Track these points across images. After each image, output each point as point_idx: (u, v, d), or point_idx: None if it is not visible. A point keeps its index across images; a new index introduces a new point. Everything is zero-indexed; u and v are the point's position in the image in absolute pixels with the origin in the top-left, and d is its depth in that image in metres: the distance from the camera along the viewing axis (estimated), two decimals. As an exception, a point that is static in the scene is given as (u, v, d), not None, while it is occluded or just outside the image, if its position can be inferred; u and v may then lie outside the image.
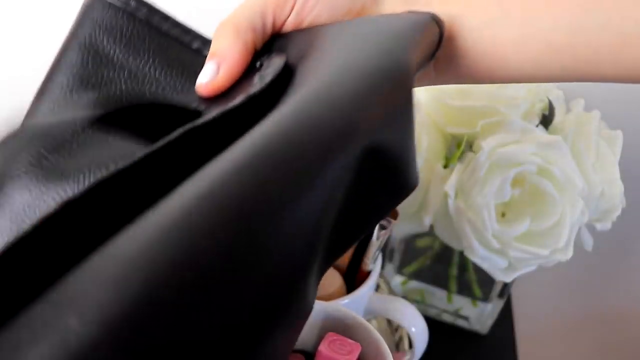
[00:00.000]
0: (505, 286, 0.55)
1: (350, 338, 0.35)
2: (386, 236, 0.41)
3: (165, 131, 0.23)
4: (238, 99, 0.26)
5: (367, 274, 0.43)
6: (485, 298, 0.57)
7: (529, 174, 0.43)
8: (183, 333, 0.16)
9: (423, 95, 0.49)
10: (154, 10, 0.33)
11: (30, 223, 0.18)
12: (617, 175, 0.46)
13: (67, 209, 0.19)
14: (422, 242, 0.56)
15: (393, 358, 0.35)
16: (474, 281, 0.56)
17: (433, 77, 0.33)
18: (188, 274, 0.16)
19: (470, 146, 0.46)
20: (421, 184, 0.46)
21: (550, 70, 0.30)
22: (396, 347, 0.55)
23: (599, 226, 0.48)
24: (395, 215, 0.41)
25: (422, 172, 0.46)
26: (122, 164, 0.20)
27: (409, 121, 0.25)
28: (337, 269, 0.43)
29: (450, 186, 0.45)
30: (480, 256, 0.45)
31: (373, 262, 0.42)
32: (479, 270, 0.49)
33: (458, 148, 0.46)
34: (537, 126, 0.45)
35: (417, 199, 0.47)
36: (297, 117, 0.21)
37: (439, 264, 0.57)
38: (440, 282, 0.57)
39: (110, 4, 0.33)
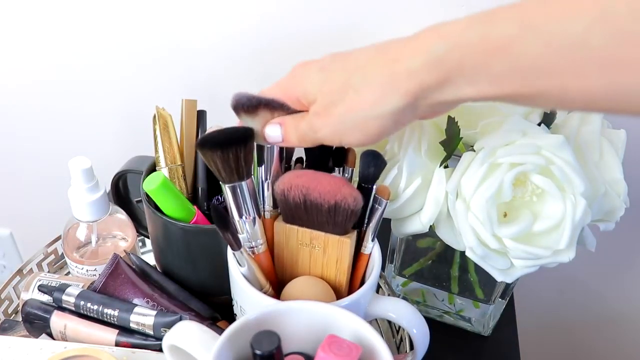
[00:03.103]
0: (508, 287, 0.55)
1: (351, 340, 0.34)
2: (380, 217, 0.42)
3: None
4: None
5: (367, 257, 0.43)
6: (487, 299, 0.56)
7: (531, 174, 0.43)
8: None
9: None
10: None
11: None
12: (621, 175, 0.46)
13: None
14: (422, 243, 0.56)
15: (393, 360, 0.35)
16: (475, 282, 0.56)
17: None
18: None
19: (471, 146, 0.46)
20: (422, 185, 0.46)
21: None
22: (397, 348, 0.54)
23: (602, 226, 0.48)
24: (387, 195, 0.41)
25: (422, 173, 0.46)
26: None
27: None
28: (337, 268, 0.42)
29: (451, 186, 0.44)
30: (481, 256, 0.45)
31: (371, 241, 0.43)
32: (480, 271, 0.49)
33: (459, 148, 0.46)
34: (538, 125, 0.45)
35: (418, 200, 0.46)
36: None
37: (440, 265, 0.56)
38: (442, 283, 0.57)
39: None
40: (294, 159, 0.47)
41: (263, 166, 0.42)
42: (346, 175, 0.45)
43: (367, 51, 0.35)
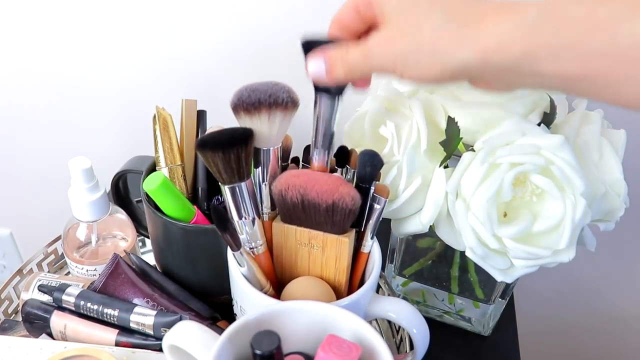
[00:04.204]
0: (508, 287, 0.55)
1: (351, 340, 0.34)
2: (380, 216, 0.42)
3: None
4: None
5: (366, 256, 0.43)
6: (487, 299, 0.56)
7: (531, 174, 0.43)
8: None
9: (423, 95, 0.48)
10: None
11: None
12: (621, 175, 0.46)
13: None
14: (422, 243, 0.56)
15: (393, 360, 0.35)
16: (475, 282, 0.56)
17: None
18: None
19: (470, 146, 0.46)
20: (421, 185, 0.46)
21: None
22: (397, 348, 0.54)
23: (602, 226, 0.48)
24: (386, 194, 0.41)
25: (422, 173, 0.46)
26: None
27: None
28: (336, 267, 0.42)
29: (450, 186, 0.44)
30: (481, 257, 0.45)
31: (370, 239, 0.43)
32: (480, 271, 0.49)
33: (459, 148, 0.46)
34: (538, 125, 0.45)
35: (418, 200, 0.46)
36: None
37: (440, 265, 0.56)
38: (442, 283, 0.57)
39: None
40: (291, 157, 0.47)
41: (260, 167, 0.42)
42: (348, 176, 0.45)
43: None
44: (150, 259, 0.56)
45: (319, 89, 0.40)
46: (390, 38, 0.34)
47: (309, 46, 0.39)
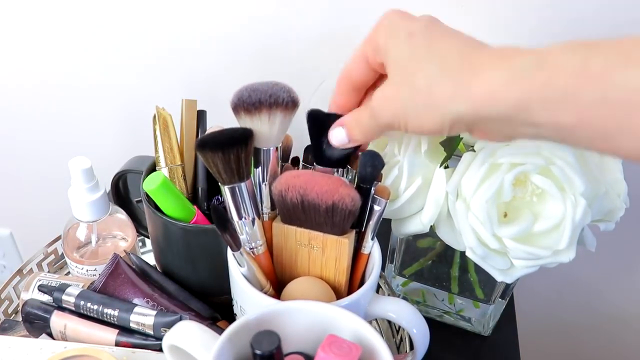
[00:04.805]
0: (508, 287, 0.55)
1: (351, 340, 0.34)
2: (380, 217, 0.42)
3: None
4: None
5: (366, 257, 0.43)
6: (487, 299, 0.56)
7: (531, 174, 0.43)
8: None
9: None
10: None
11: None
12: (621, 175, 0.46)
13: None
14: (423, 243, 0.56)
15: (393, 360, 0.35)
16: (475, 282, 0.56)
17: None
18: None
19: (471, 146, 0.46)
20: (422, 185, 0.46)
21: None
22: (397, 348, 0.54)
23: (602, 227, 0.48)
24: (387, 195, 0.41)
25: (422, 173, 0.46)
26: None
27: None
28: (336, 268, 0.42)
29: (451, 186, 0.44)
30: (481, 257, 0.45)
31: (371, 240, 0.43)
32: (480, 271, 0.49)
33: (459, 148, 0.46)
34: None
35: (418, 200, 0.46)
36: None
37: (440, 265, 0.56)
38: (442, 283, 0.57)
39: None
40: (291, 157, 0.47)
41: (260, 167, 0.42)
42: (348, 177, 0.45)
43: (456, 40, 0.33)
44: (150, 259, 0.56)
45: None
46: (389, 94, 0.35)
47: (314, 116, 0.41)
